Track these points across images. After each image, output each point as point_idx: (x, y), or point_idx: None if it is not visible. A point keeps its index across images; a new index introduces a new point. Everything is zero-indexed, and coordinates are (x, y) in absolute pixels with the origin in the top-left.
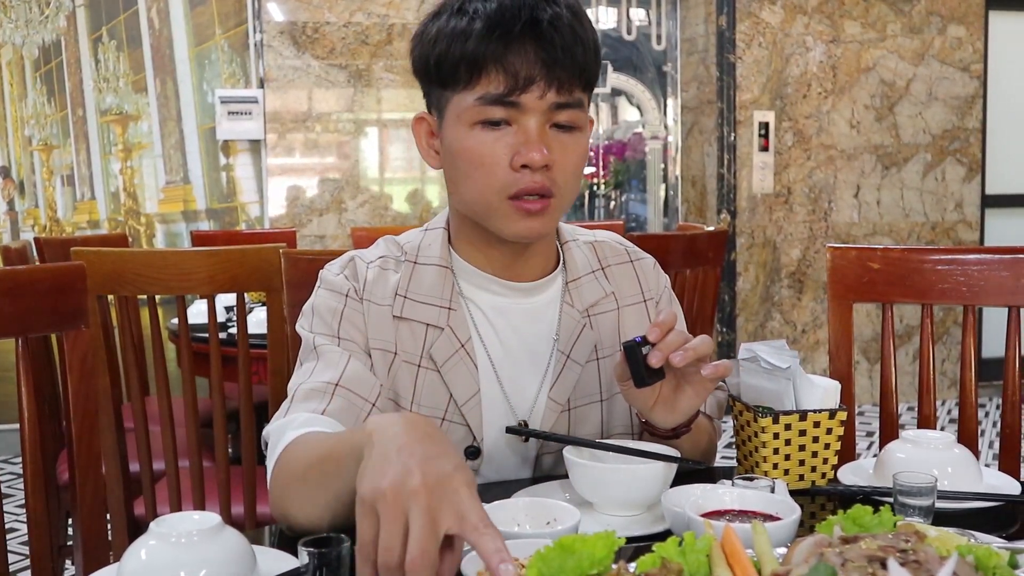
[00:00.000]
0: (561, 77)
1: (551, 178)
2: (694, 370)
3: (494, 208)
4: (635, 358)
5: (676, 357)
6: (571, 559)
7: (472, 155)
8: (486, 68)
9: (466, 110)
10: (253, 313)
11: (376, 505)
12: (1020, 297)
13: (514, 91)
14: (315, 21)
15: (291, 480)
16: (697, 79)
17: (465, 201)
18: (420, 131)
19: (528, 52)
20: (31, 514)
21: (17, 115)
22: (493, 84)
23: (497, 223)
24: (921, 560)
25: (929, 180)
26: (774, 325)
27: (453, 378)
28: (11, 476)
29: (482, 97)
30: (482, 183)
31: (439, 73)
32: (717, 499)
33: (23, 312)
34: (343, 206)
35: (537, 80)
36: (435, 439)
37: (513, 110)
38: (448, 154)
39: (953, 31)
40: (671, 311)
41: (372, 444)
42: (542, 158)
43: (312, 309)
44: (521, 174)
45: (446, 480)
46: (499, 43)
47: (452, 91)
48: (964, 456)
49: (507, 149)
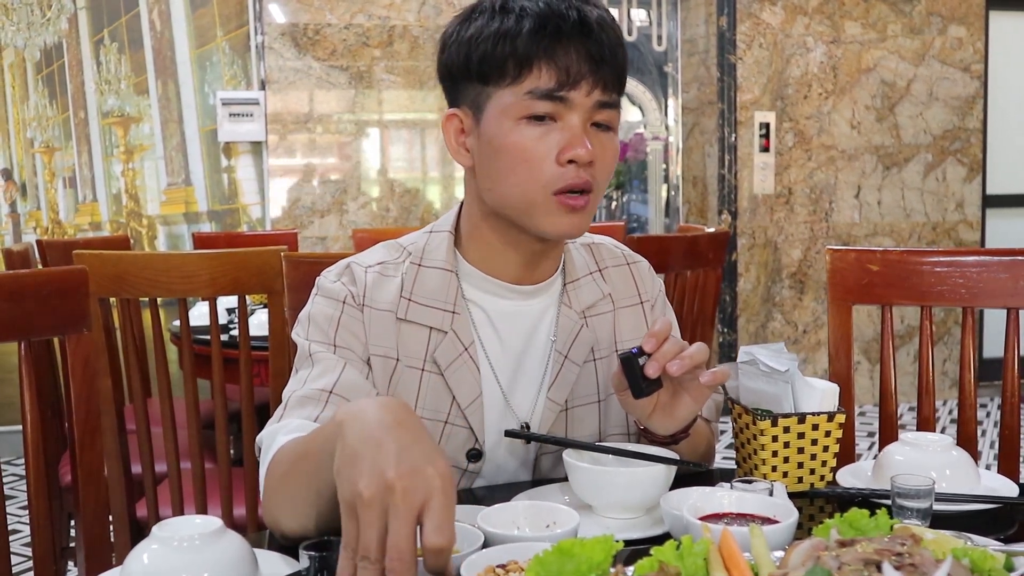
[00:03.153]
0: (607, 76)
1: (592, 174)
2: (692, 378)
3: (538, 204)
4: (632, 369)
5: (673, 366)
6: (569, 563)
7: (517, 149)
8: (536, 64)
9: (512, 105)
10: (254, 315)
11: (355, 507)
12: (1019, 299)
13: (564, 87)
14: (316, 23)
15: (276, 484)
16: (698, 80)
17: (505, 196)
18: (450, 129)
19: (579, 50)
20: (33, 516)
21: (19, 117)
22: (543, 79)
23: (538, 219)
24: (917, 563)
25: (930, 180)
26: (775, 326)
27: (456, 382)
28: (14, 478)
29: (531, 91)
30: (526, 177)
31: (481, 69)
32: (715, 502)
33: (26, 316)
34: (344, 207)
35: (586, 76)
36: (407, 425)
37: (560, 105)
38: (488, 149)
39: (954, 31)
40: (666, 320)
41: (344, 437)
42: (588, 154)
43: (308, 317)
44: (566, 169)
45: (420, 474)
46: (551, 39)
47: (496, 87)
48: (962, 458)
49: (553, 144)
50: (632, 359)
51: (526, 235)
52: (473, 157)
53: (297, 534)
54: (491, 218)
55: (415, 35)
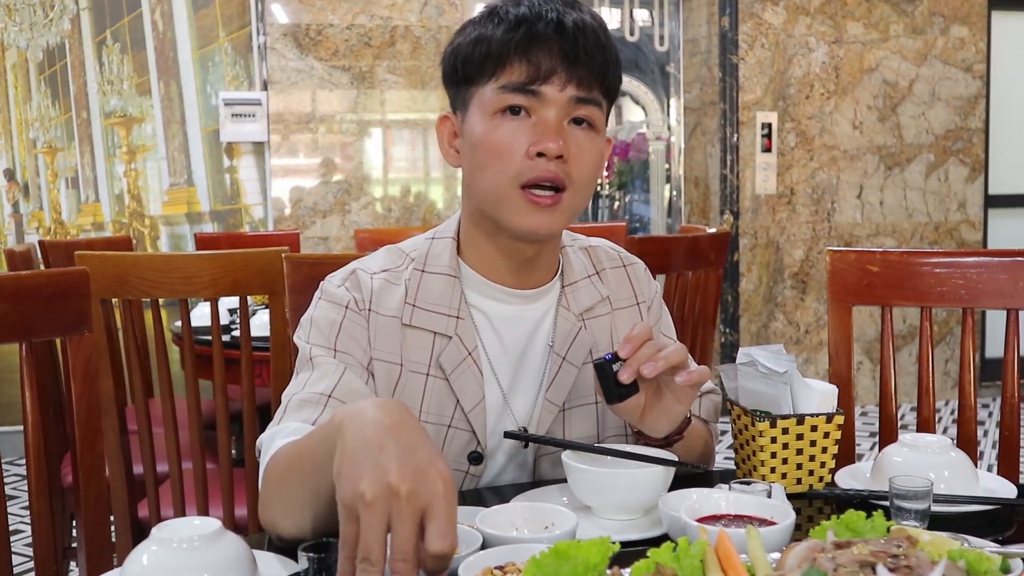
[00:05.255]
0: (581, 74)
1: (565, 171)
2: (672, 378)
3: (507, 198)
4: (605, 375)
5: (647, 369)
6: (566, 564)
7: (491, 143)
8: (510, 60)
9: (488, 100)
10: (256, 316)
11: (357, 509)
12: (1018, 300)
13: (535, 80)
14: (318, 23)
15: (273, 485)
16: (700, 80)
17: (480, 191)
18: (443, 131)
19: (552, 47)
20: (35, 516)
21: (21, 118)
22: (516, 74)
23: (508, 215)
24: (912, 565)
25: (932, 180)
26: (777, 326)
27: (461, 386)
28: (16, 478)
29: (505, 85)
30: (497, 171)
31: (465, 69)
32: (713, 503)
33: (27, 317)
34: (346, 208)
35: (558, 72)
36: (407, 426)
37: (533, 99)
38: (468, 145)
39: (956, 31)
40: (645, 324)
41: (344, 438)
42: (557, 147)
43: (310, 321)
44: (536, 162)
45: (423, 477)
46: (524, 37)
47: (476, 85)
48: (960, 460)
49: (525, 138)
50: (604, 365)
51: (509, 238)
52: (461, 158)
53: (294, 536)
54: (480, 222)
55: (417, 35)
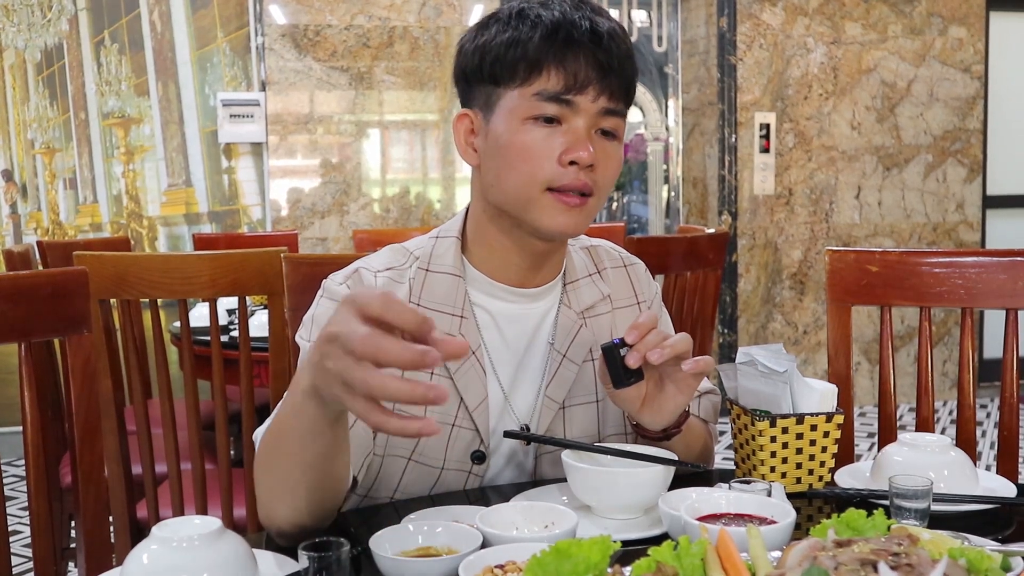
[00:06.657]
0: (613, 85)
1: (592, 179)
2: (676, 368)
3: (535, 200)
4: (613, 359)
5: (653, 355)
6: (567, 563)
7: (522, 147)
8: (545, 67)
9: (520, 105)
10: (255, 316)
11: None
12: (1018, 299)
13: (570, 90)
14: (316, 24)
15: (264, 470)
16: (698, 80)
17: (506, 192)
18: (460, 128)
19: (588, 57)
20: (34, 517)
21: (20, 118)
22: (551, 82)
23: (535, 215)
24: (913, 563)
25: (930, 181)
26: (775, 326)
27: (465, 385)
28: (14, 479)
29: (539, 93)
30: (527, 174)
31: (493, 71)
32: (713, 502)
33: (26, 317)
34: (345, 208)
35: (593, 83)
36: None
37: (566, 109)
38: (494, 147)
39: (954, 32)
40: (651, 312)
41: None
42: (589, 156)
43: (312, 319)
44: (567, 170)
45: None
46: (561, 45)
47: (506, 88)
48: (960, 459)
49: (557, 145)
50: (613, 349)
51: (529, 235)
52: (480, 156)
53: (292, 524)
54: (496, 219)
55: (415, 36)
